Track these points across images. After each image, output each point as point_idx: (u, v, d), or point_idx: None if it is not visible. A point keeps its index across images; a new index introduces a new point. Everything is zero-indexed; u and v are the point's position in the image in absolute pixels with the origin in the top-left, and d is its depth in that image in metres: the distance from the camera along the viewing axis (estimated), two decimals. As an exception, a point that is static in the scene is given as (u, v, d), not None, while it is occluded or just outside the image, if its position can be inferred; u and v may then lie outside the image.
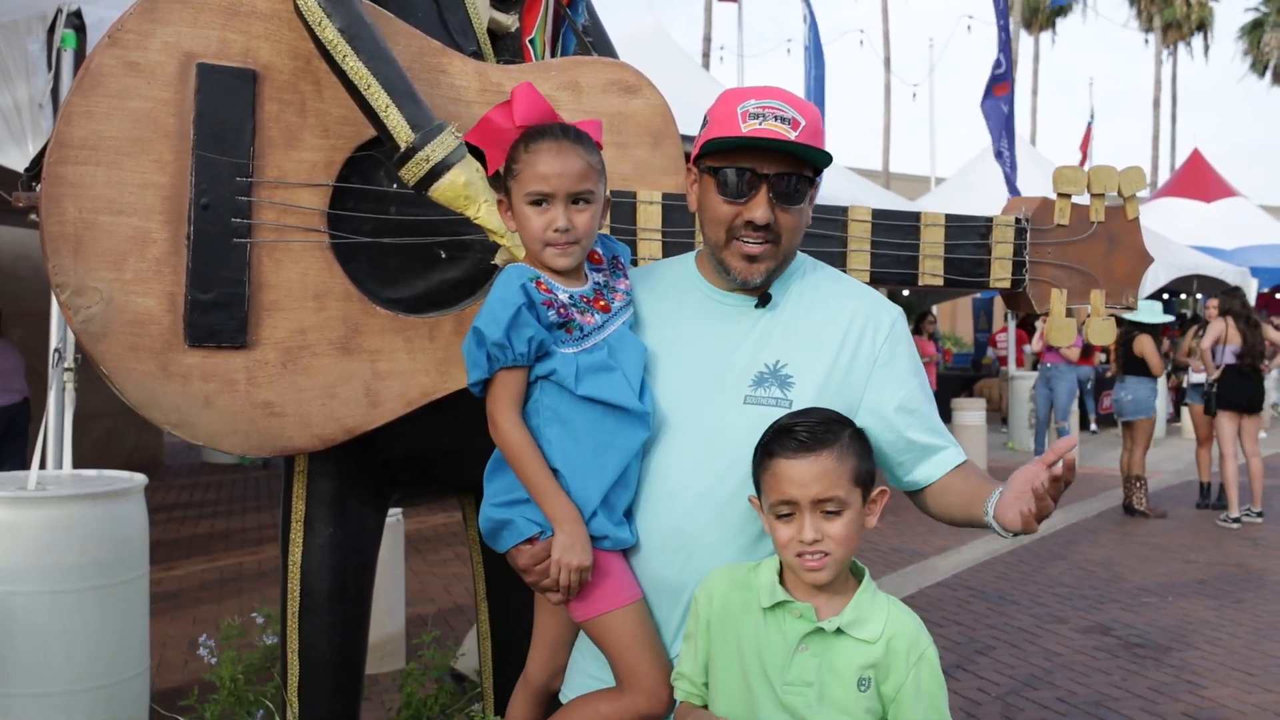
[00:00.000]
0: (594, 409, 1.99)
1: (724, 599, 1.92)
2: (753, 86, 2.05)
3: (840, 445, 1.87)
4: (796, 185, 2.02)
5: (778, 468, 1.86)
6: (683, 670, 1.96)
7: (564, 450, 1.98)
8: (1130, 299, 3.00)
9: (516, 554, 1.99)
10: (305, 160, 2.33)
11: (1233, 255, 19.89)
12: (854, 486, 1.87)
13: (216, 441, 2.29)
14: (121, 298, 2.19)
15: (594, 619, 1.99)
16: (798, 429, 1.87)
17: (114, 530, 4.02)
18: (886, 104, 36.07)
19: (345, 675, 2.57)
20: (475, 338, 1.96)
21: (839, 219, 2.77)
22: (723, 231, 2.05)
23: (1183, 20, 43.48)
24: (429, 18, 2.53)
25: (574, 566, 1.92)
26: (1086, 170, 2.93)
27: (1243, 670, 5.70)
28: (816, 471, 1.84)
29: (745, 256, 2.04)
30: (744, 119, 1.99)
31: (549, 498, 1.95)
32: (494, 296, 1.98)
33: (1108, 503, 11.15)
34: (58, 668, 3.87)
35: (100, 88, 2.19)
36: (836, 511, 1.85)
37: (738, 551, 1.99)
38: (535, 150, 2.02)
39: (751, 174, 2.00)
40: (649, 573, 2.02)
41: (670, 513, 2.00)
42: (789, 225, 2.04)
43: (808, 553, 1.84)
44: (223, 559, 7.91)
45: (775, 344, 2.08)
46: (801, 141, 1.98)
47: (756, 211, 2.00)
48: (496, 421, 1.98)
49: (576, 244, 2.03)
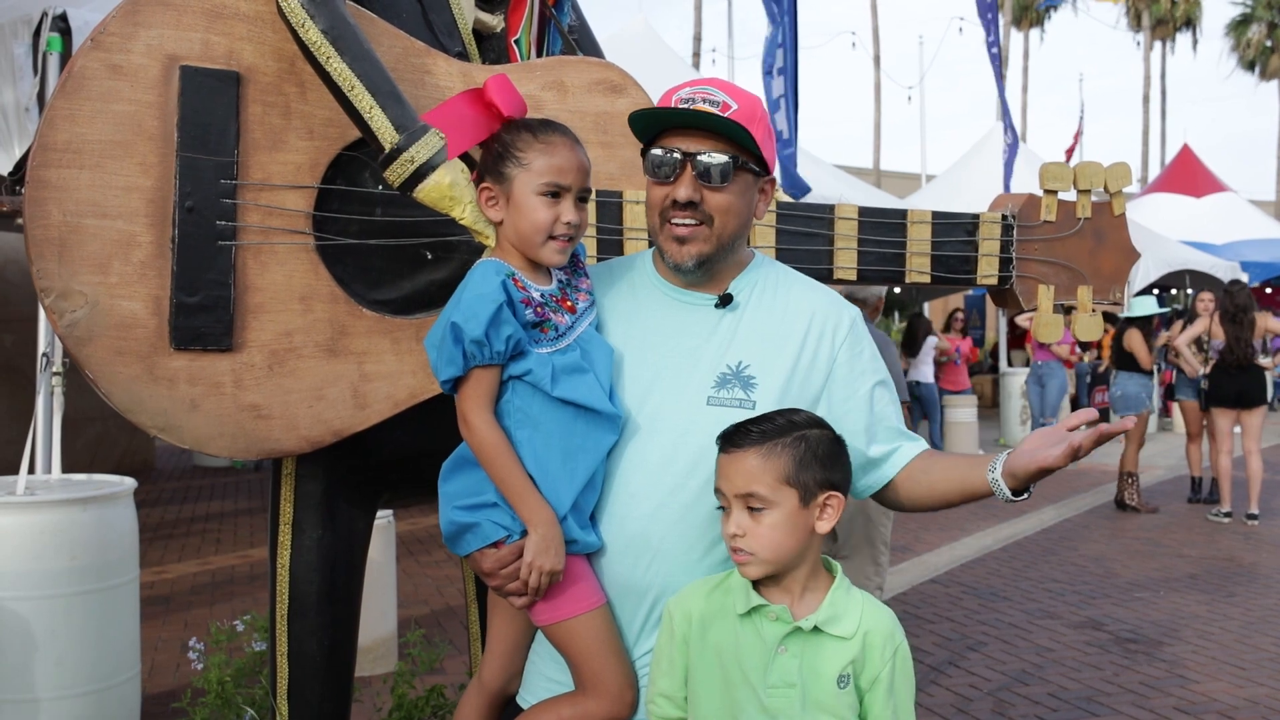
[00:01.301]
0: (565, 411, 1.97)
1: (702, 611, 1.91)
2: (694, 79, 2.07)
3: (775, 445, 1.87)
4: (721, 163, 2.00)
5: (717, 460, 1.91)
6: (661, 690, 1.94)
7: (535, 453, 1.96)
8: (1117, 295, 3.01)
9: (480, 558, 1.97)
10: (290, 162, 2.33)
11: (1223, 250, 19.95)
12: (782, 486, 1.86)
13: (203, 445, 2.28)
14: (106, 301, 2.18)
15: (558, 623, 1.97)
16: (748, 424, 1.91)
17: (104, 534, 4.01)
18: (876, 102, 36.15)
19: (335, 677, 2.56)
20: (452, 333, 1.92)
21: (826, 217, 2.77)
22: (656, 215, 2.06)
23: (1168, 17, 43.57)
24: (413, 18, 2.53)
25: (547, 569, 1.90)
26: (1073, 166, 2.93)
27: (1234, 664, 5.72)
28: (740, 467, 1.87)
29: (675, 238, 2.04)
30: (675, 104, 2.01)
31: (526, 499, 1.93)
32: (472, 292, 1.95)
33: (1099, 498, 11.18)
34: (47, 673, 3.87)
35: (83, 91, 2.18)
36: (759, 509, 1.86)
37: (702, 552, 1.99)
38: (550, 142, 2.02)
39: (678, 153, 2.00)
40: (612, 575, 2.00)
41: (634, 515, 1.99)
42: (719, 206, 2.03)
43: (734, 547, 1.87)
44: (214, 562, 7.90)
45: (737, 344, 2.08)
46: (724, 117, 1.97)
47: (680, 189, 2.00)
48: (470, 421, 1.95)
49: (574, 240, 2.04)
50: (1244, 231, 21.36)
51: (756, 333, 2.09)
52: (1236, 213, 22.41)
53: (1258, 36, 43.34)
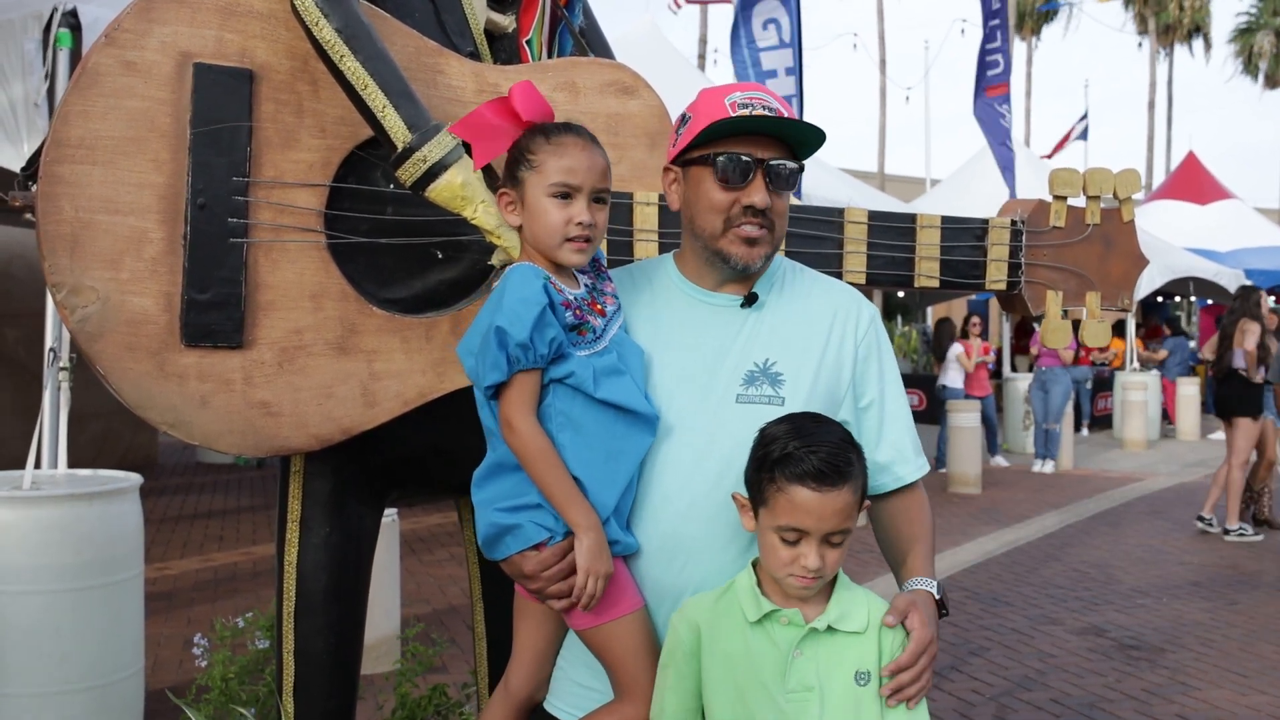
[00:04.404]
0: (606, 413, 1.96)
1: (710, 624, 1.89)
2: (732, 83, 2.08)
3: (855, 476, 1.86)
4: (791, 170, 2.05)
5: (796, 495, 1.82)
6: (665, 709, 1.92)
7: (578, 456, 1.94)
8: (1126, 301, 3.01)
9: (522, 560, 1.94)
10: (302, 160, 2.33)
11: (1227, 258, 19.95)
12: (857, 510, 1.88)
13: (212, 441, 2.28)
14: (118, 297, 2.18)
15: (598, 627, 1.95)
16: (815, 456, 1.83)
17: (108, 530, 4.02)
18: (882, 106, 36.20)
19: (341, 675, 2.56)
20: (496, 338, 1.89)
21: (835, 221, 2.77)
22: (720, 220, 2.05)
23: (1176, 24, 43.55)
24: (426, 18, 2.53)
25: (601, 574, 1.88)
26: (1083, 173, 2.93)
27: (1236, 672, 5.71)
28: (837, 507, 1.82)
29: (746, 240, 2.05)
30: (733, 109, 2.02)
31: (573, 504, 1.90)
32: (513, 295, 1.93)
33: (1101, 505, 11.17)
34: (52, 668, 3.87)
35: (97, 87, 2.18)
36: (841, 541, 1.85)
37: (736, 553, 1.99)
38: (561, 143, 2.01)
39: (750, 158, 2.02)
40: (646, 577, 2.00)
41: (667, 516, 1.99)
42: (781, 211, 2.08)
43: (808, 579, 1.84)
44: (218, 559, 7.91)
45: (763, 342, 2.09)
46: (794, 119, 2.02)
47: (756, 196, 2.03)
48: (515, 425, 1.92)
49: (592, 241, 2.02)
50: (1249, 239, 21.35)
51: (782, 330, 2.11)
52: (1241, 220, 22.40)
53: (1263, 46, 43.32)
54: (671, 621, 1.95)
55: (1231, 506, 9.42)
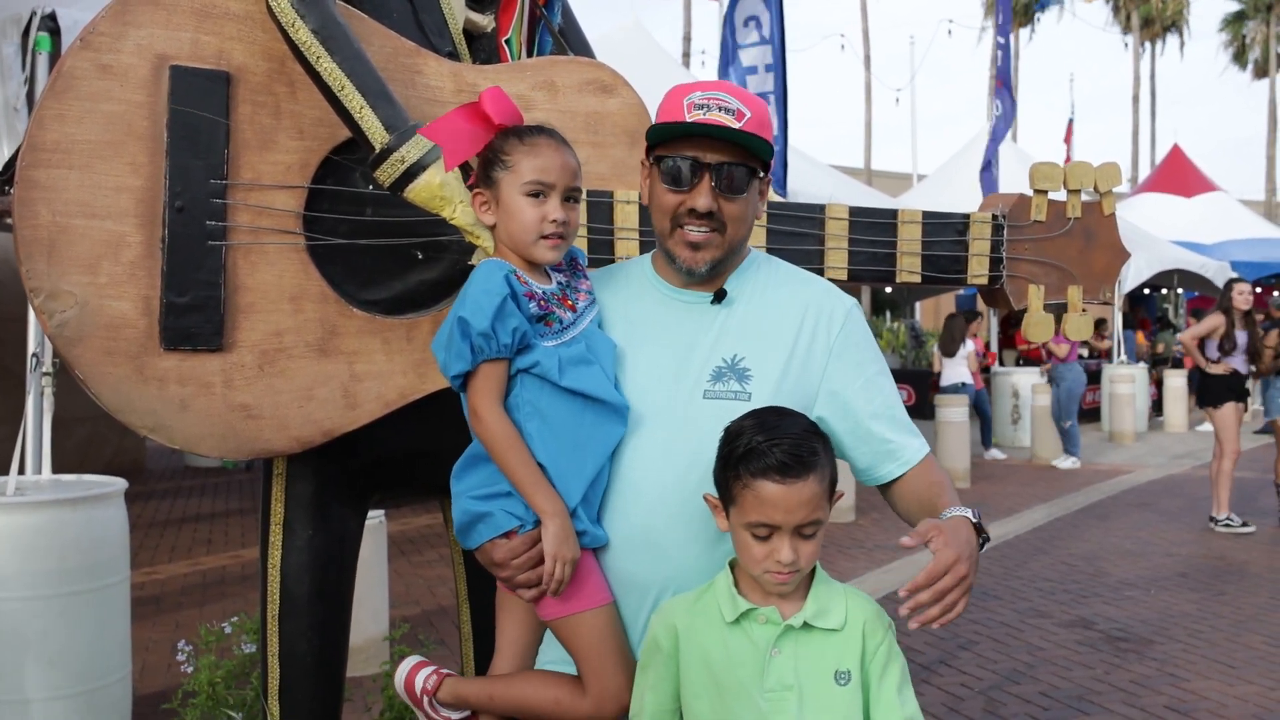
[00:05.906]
0: (574, 403, 1.99)
1: (687, 625, 1.90)
2: (701, 80, 2.08)
3: (820, 465, 1.85)
4: (739, 175, 2.04)
5: (762, 490, 1.81)
6: (644, 709, 1.92)
7: (545, 445, 1.98)
8: (1108, 294, 3.02)
9: (492, 548, 1.98)
10: (280, 162, 2.32)
11: (1213, 250, 20.04)
12: (827, 501, 1.87)
13: (193, 445, 2.28)
14: (96, 302, 2.17)
15: (565, 618, 1.99)
16: (778, 449, 1.82)
17: (94, 535, 4.00)
18: (867, 102, 36.28)
19: (326, 678, 2.55)
20: (459, 328, 1.95)
21: (816, 217, 2.77)
22: (668, 221, 2.08)
23: (1158, 16, 43.67)
24: (404, 18, 2.52)
25: (568, 559, 1.92)
26: (1063, 166, 2.94)
27: (1224, 663, 5.73)
28: (804, 498, 1.82)
29: (689, 244, 2.06)
30: (689, 110, 2.02)
31: (538, 490, 1.94)
32: (476, 288, 1.97)
33: (1090, 497, 11.20)
34: (38, 673, 3.86)
35: (73, 90, 2.17)
36: (814, 533, 1.85)
37: (703, 547, 2.00)
38: (534, 143, 2.05)
39: (694, 162, 2.02)
40: (616, 570, 2.02)
41: (636, 510, 2.01)
42: (733, 215, 2.06)
43: (784, 574, 1.84)
44: (205, 562, 7.88)
45: (732, 338, 2.10)
46: (746, 130, 2.00)
47: (699, 200, 2.03)
48: (480, 414, 1.97)
49: (565, 238, 2.06)
50: (1234, 231, 21.45)
51: (751, 326, 2.12)
52: (1227, 212, 22.50)
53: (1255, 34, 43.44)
54: (650, 623, 1.96)
55: (1220, 496, 9.43)
